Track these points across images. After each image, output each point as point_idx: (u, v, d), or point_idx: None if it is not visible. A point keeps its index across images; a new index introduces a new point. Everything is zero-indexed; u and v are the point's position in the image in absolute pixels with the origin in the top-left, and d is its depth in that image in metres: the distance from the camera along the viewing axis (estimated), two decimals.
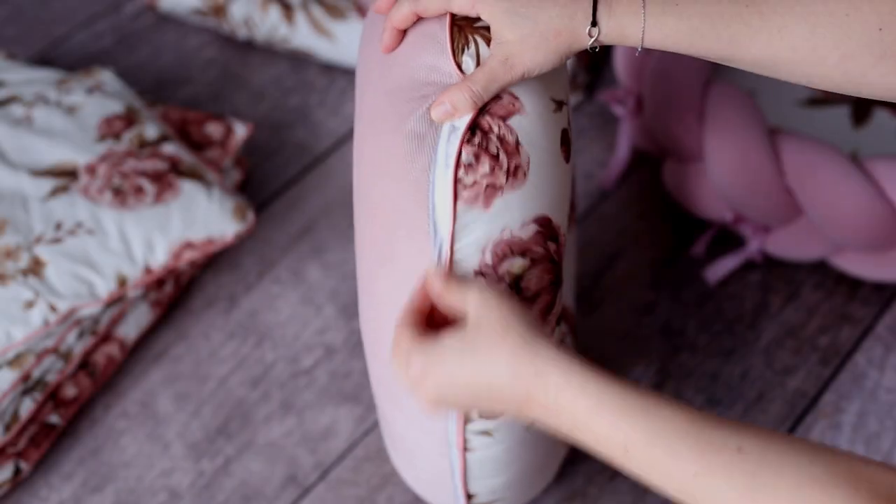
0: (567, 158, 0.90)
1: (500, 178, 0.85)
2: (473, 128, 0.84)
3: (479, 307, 0.78)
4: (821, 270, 1.37)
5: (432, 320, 0.83)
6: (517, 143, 0.85)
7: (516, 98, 0.85)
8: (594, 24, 0.82)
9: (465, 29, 0.86)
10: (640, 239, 1.41)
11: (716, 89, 1.31)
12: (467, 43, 0.85)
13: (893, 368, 1.28)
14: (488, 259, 0.86)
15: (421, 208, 0.86)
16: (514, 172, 0.85)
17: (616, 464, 0.75)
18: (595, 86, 1.57)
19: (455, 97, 0.83)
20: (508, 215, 0.85)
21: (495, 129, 0.85)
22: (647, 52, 1.36)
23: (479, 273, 0.86)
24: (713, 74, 1.34)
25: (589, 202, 1.44)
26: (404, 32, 0.89)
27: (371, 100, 0.91)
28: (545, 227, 0.87)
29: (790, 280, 1.36)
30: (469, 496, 1.03)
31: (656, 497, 1.18)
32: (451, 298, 0.80)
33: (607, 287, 1.36)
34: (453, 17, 0.87)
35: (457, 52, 0.85)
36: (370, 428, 1.25)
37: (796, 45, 0.80)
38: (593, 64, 1.57)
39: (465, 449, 0.97)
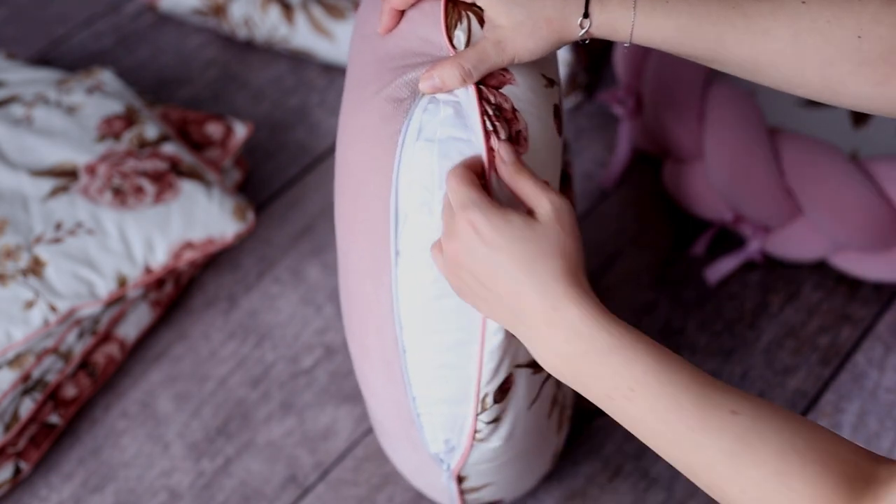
0: (560, 132, 0.90)
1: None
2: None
3: (555, 213, 0.79)
4: (821, 270, 1.37)
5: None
6: (514, 109, 0.85)
7: (506, 70, 0.86)
8: (586, 15, 0.84)
9: (458, 5, 0.87)
10: (640, 239, 1.41)
11: (716, 89, 1.31)
12: (460, 18, 0.86)
13: (893, 368, 1.28)
14: None
15: (384, 173, 0.86)
16: (516, 138, 0.85)
17: (609, 405, 0.77)
18: (595, 86, 1.57)
19: (445, 71, 0.84)
20: None
21: (492, 98, 0.85)
22: (647, 51, 1.36)
23: None
24: (713, 74, 1.34)
25: (589, 202, 1.44)
26: (402, 13, 0.90)
27: (358, 68, 0.93)
28: None
29: (790, 280, 1.36)
30: (460, 478, 1.03)
31: (656, 497, 1.18)
32: (525, 187, 0.80)
33: (607, 287, 1.36)
34: None
35: (450, 27, 0.86)
36: (370, 428, 1.25)
37: (779, 49, 0.82)
38: (593, 64, 1.57)
39: (476, 439, 0.97)
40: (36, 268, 1.22)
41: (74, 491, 1.21)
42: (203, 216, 1.29)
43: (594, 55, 1.57)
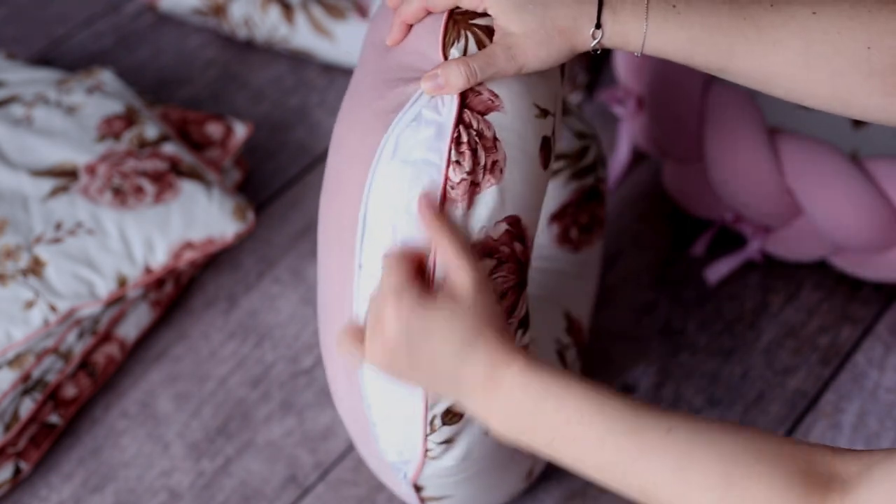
0: (545, 165, 0.89)
1: (479, 174, 0.85)
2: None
3: (474, 285, 0.80)
4: (821, 270, 1.37)
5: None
6: (494, 138, 0.85)
7: (496, 95, 0.86)
8: (598, 26, 0.84)
9: (460, 23, 0.86)
10: (640, 239, 1.41)
11: (716, 89, 1.31)
12: (458, 37, 0.86)
13: (893, 368, 1.28)
14: None
15: (358, 185, 0.87)
16: (491, 169, 0.85)
17: (554, 451, 0.79)
18: (595, 86, 1.57)
19: (450, 70, 0.84)
20: (485, 214, 0.85)
21: (474, 123, 0.85)
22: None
23: None
24: (713, 75, 1.34)
25: None
26: (410, 26, 0.90)
27: (360, 76, 0.93)
28: (514, 226, 0.87)
29: (790, 280, 1.36)
30: (418, 487, 1.03)
31: None
32: (445, 251, 0.81)
33: (607, 287, 1.36)
34: (453, 10, 0.87)
35: (447, 45, 0.86)
36: None
37: (789, 60, 0.82)
38: (593, 64, 1.57)
39: (427, 457, 0.97)
40: (36, 268, 1.22)
41: (74, 491, 1.21)
42: (203, 216, 1.29)
43: (594, 55, 1.57)
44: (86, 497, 1.20)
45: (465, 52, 0.85)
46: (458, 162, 0.84)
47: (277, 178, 1.49)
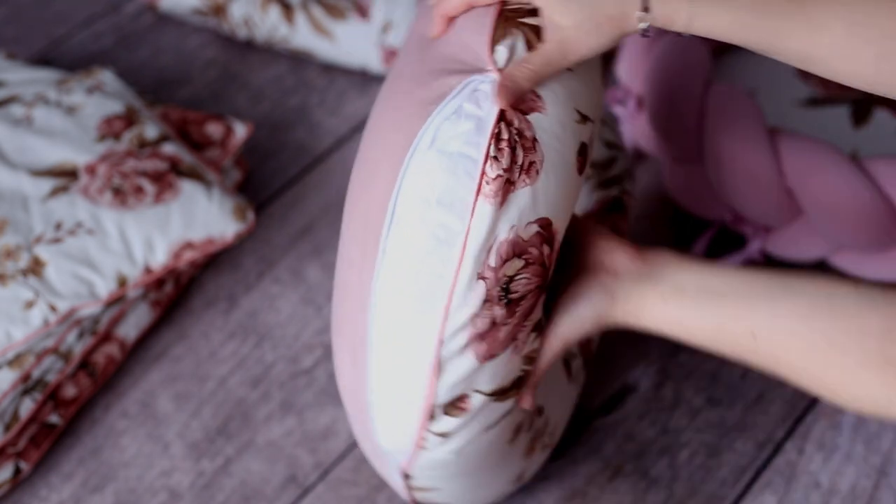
0: (580, 170, 0.89)
1: (515, 173, 0.85)
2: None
3: None
4: (821, 270, 1.37)
5: None
6: (534, 139, 0.85)
7: (538, 96, 0.86)
8: (646, 9, 0.85)
9: (511, 21, 0.86)
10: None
11: (716, 89, 1.31)
12: (506, 34, 0.86)
13: None
14: (493, 261, 0.86)
15: (393, 172, 0.87)
16: (527, 169, 0.85)
17: None
18: None
19: (515, 75, 0.85)
20: (517, 214, 0.85)
21: (515, 121, 0.84)
22: (647, 51, 1.36)
23: (481, 277, 0.86)
24: (713, 74, 1.34)
25: None
26: (452, 19, 0.90)
27: (403, 62, 0.93)
28: (545, 229, 0.87)
29: None
30: (406, 476, 1.02)
31: (656, 497, 1.18)
32: None
33: None
34: (503, 6, 0.87)
35: (495, 39, 0.86)
36: None
37: (834, 42, 0.83)
38: None
39: (421, 447, 0.96)
40: (36, 268, 1.22)
41: (74, 491, 1.21)
42: (203, 216, 1.29)
43: None
44: (86, 497, 1.20)
45: (512, 50, 0.86)
46: (496, 158, 0.84)
47: (277, 178, 1.49)
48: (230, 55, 1.63)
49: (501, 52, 0.86)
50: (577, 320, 0.95)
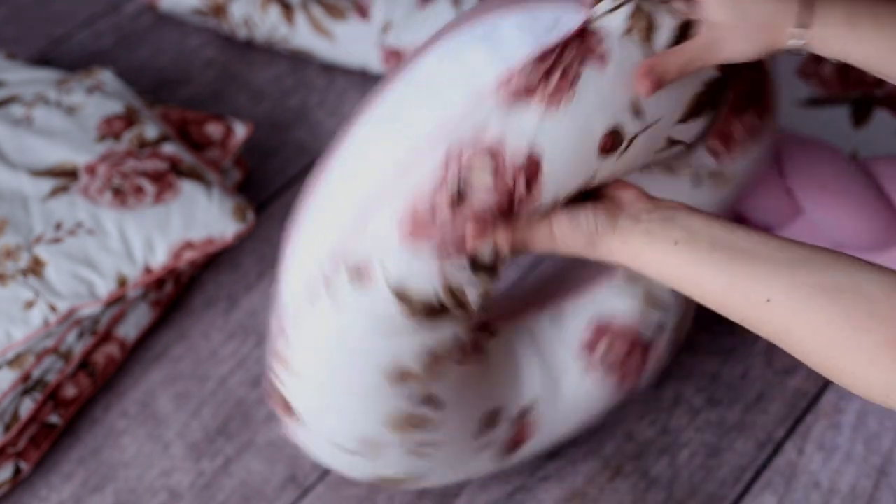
0: (603, 150, 0.85)
1: (538, 92, 0.82)
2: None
3: None
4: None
5: None
6: (572, 84, 0.82)
7: (607, 51, 0.83)
8: (799, 26, 0.83)
9: None
10: None
11: None
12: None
13: None
14: (467, 149, 0.83)
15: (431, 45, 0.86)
16: (548, 100, 0.82)
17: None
18: None
19: (665, 57, 0.83)
20: (517, 127, 0.83)
21: (577, 62, 0.82)
22: None
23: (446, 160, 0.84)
24: None
25: None
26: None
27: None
28: (531, 166, 0.84)
29: None
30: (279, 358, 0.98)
31: (656, 497, 1.18)
32: None
33: None
34: None
35: None
36: None
37: None
38: None
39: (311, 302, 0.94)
40: (36, 268, 1.22)
41: (74, 491, 1.21)
42: (203, 216, 1.29)
43: None
44: (86, 497, 1.20)
45: (616, 4, 0.83)
46: (540, 61, 0.82)
47: (277, 178, 1.49)
48: (230, 55, 1.63)
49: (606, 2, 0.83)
50: (573, 220, 0.87)
